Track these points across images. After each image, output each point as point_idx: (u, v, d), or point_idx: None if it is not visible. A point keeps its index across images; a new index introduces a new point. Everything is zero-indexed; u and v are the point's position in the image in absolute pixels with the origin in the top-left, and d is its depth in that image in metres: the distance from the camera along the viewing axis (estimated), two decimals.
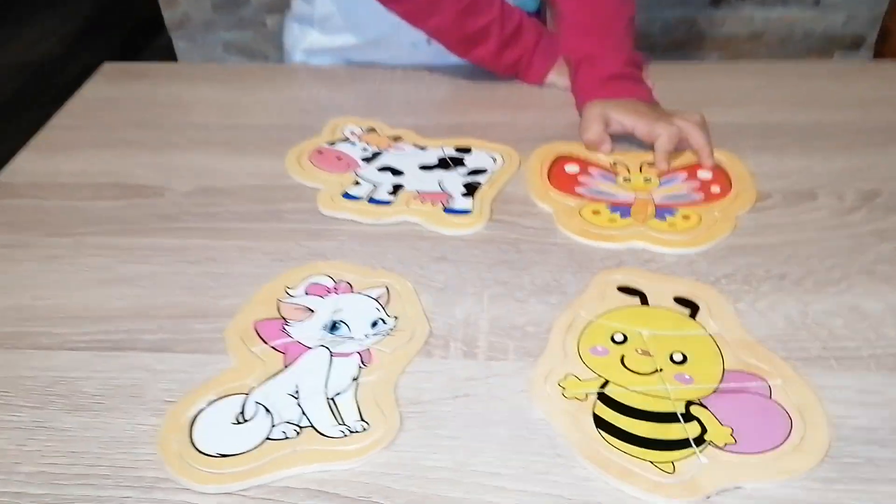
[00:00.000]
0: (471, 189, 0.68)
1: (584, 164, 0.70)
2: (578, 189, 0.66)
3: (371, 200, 0.66)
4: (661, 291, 0.56)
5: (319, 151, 0.73)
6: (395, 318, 0.54)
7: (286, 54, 0.95)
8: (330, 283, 0.57)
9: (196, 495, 0.43)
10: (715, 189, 0.67)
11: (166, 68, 0.93)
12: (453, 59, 0.84)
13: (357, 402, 0.48)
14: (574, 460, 0.45)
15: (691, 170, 0.69)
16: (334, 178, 0.69)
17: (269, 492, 0.44)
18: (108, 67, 0.93)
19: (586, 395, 0.48)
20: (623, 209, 0.64)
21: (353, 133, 0.76)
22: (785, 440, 0.45)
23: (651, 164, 0.70)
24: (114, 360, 0.52)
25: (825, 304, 0.55)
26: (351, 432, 0.46)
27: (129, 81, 0.89)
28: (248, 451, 0.45)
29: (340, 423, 0.47)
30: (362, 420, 0.47)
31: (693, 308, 0.55)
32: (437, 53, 0.84)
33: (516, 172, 0.70)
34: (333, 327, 0.53)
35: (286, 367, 0.50)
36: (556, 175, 0.69)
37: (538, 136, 0.75)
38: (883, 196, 0.66)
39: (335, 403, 0.48)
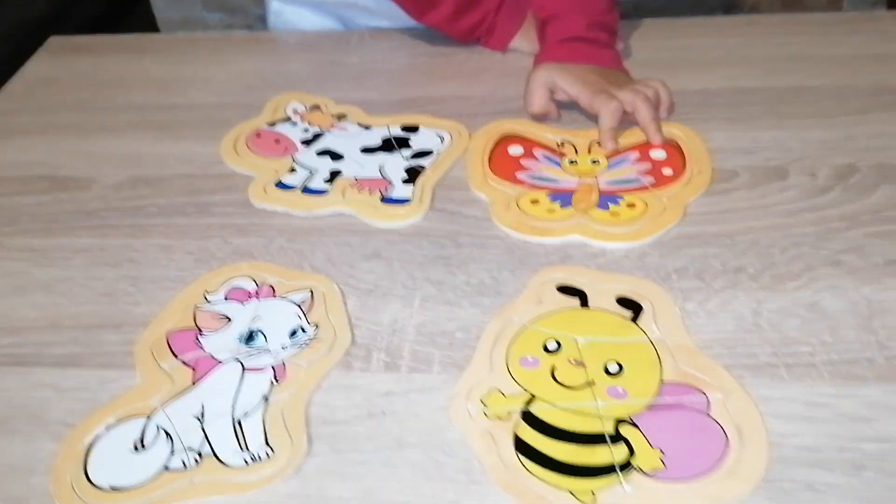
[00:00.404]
0: (413, 174, 0.63)
1: (530, 145, 0.65)
2: (520, 174, 0.62)
3: (305, 190, 0.62)
4: (604, 291, 0.52)
5: (258, 134, 0.69)
6: (316, 326, 0.51)
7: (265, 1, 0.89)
8: (252, 287, 0.54)
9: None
10: (667, 171, 0.62)
11: (111, 41, 0.88)
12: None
13: (264, 424, 0.45)
14: (489, 487, 0.42)
15: (643, 149, 0.64)
16: (270, 165, 0.65)
17: None
18: (53, 41, 0.88)
19: (508, 414, 0.45)
20: (564, 197, 0.59)
21: (295, 112, 0.72)
22: (717, 464, 0.42)
23: (599, 144, 0.64)
24: (19, 377, 0.49)
25: (781, 302, 0.51)
26: (253, 460, 0.43)
27: (72, 57, 0.85)
28: (141, 484, 0.42)
29: (244, 449, 0.44)
30: (267, 445, 0.44)
31: (636, 309, 0.51)
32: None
33: (464, 153, 0.66)
34: (250, 338, 0.50)
35: (194, 384, 0.48)
36: (498, 158, 0.64)
37: (493, 110, 0.70)
38: (860, 172, 0.60)
39: (241, 427, 0.45)
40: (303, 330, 0.50)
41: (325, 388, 0.48)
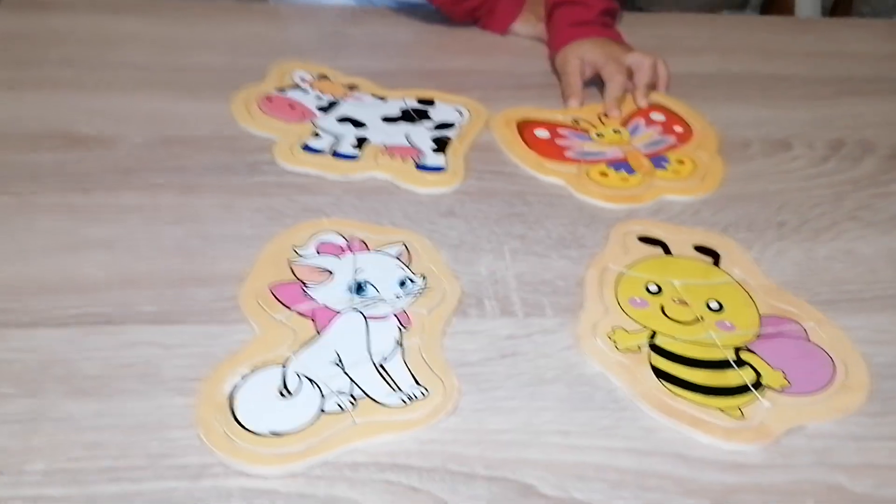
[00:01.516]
0: (440, 144, 0.64)
1: (551, 127, 0.68)
2: (568, 154, 0.64)
3: (335, 154, 0.61)
4: (680, 241, 0.56)
5: (269, 98, 0.67)
6: (423, 276, 0.50)
7: None
8: (342, 242, 0.52)
9: (254, 479, 0.38)
10: (677, 128, 0.68)
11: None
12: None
13: (408, 366, 0.44)
14: (639, 412, 0.44)
15: (643, 114, 0.70)
16: (291, 129, 0.63)
17: (336, 469, 0.39)
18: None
19: (639, 347, 0.47)
20: (624, 165, 0.63)
21: (303, 79, 0.70)
22: (831, 380, 0.47)
23: (607, 115, 0.70)
24: (109, 336, 0.45)
25: (824, 250, 0.58)
26: (411, 399, 0.42)
27: (36, 13, 0.77)
28: (303, 427, 0.40)
29: (397, 390, 0.43)
30: (419, 385, 0.43)
31: (715, 256, 0.55)
32: None
33: (484, 127, 0.67)
34: (359, 289, 0.49)
35: (319, 333, 0.45)
36: (532, 142, 0.65)
37: (503, 85, 0.73)
38: (848, 145, 0.69)
39: (385, 370, 0.44)
40: (411, 280, 0.50)
41: (448, 335, 0.48)
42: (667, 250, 0.55)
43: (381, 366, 0.44)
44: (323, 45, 0.77)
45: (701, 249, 0.55)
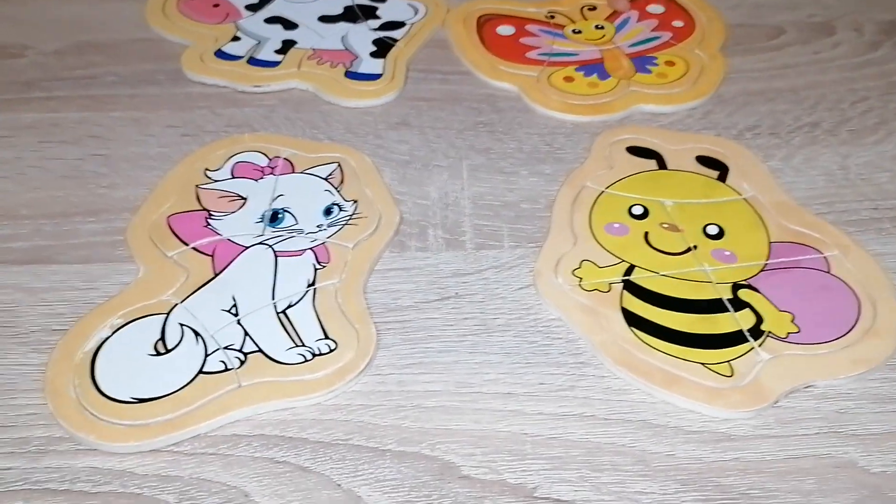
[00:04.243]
0: (382, 47, 0.54)
1: (519, 22, 0.56)
2: (530, 54, 0.53)
3: (251, 61, 0.51)
4: (680, 151, 0.46)
5: None
6: (354, 202, 0.42)
7: None
8: (263, 162, 0.44)
9: (107, 458, 0.31)
10: (677, 23, 0.56)
11: None
12: None
13: (317, 314, 0.36)
14: (604, 369, 0.36)
15: (638, 7, 0.57)
16: (208, 32, 0.54)
17: (211, 444, 0.32)
18: None
19: (609, 286, 0.38)
20: (596, 68, 0.51)
21: None
22: (855, 323, 0.37)
23: (592, 9, 0.57)
24: None
25: (866, 156, 0.46)
26: (314, 355, 0.35)
27: None
28: (175, 392, 0.33)
29: (299, 344, 0.35)
30: (327, 338, 0.35)
31: (722, 169, 0.44)
32: None
33: (441, 25, 0.56)
34: (274, 218, 0.40)
35: (216, 274, 0.38)
36: (493, 43, 0.54)
37: None
38: None
39: (288, 318, 0.36)
40: (339, 207, 0.41)
41: (378, 272, 0.39)
42: (662, 164, 0.45)
43: (285, 313, 0.36)
44: None
45: (706, 161, 0.45)
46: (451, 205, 0.43)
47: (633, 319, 0.37)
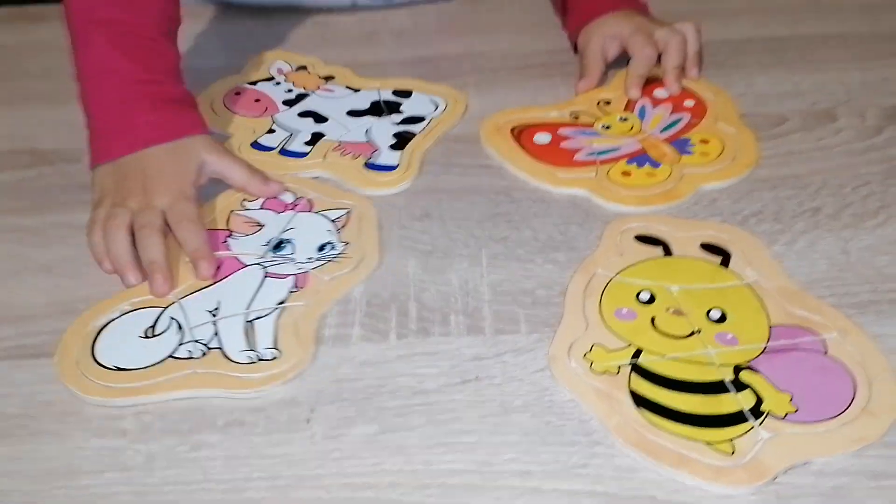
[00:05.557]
0: (402, 140, 0.58)
1: (550, 128, 0.59)
2: (578, 157, 0.56)
3: (283, 152, 0.57)
4: (686, 238, 0.49)
5: (237, 92, 0.63)
6: (346, 243, 0.49)
7: None
8: (290, 199, 0.53)
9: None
10: (689, 103, 0.61)
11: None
12: None
13: (276, 328, 0.44)
14: (615, 448, 0.38)
15: (646, 93, 0.62)
16: (247, 124, 0.60)
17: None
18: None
19: (618, 369, 0.41)
20: (646, 159, 0.56)
21: (279, 71, 0.66)
22: (850, 402, 0.39)
23: (607, 103, 0.62)
24: (38, 368, 0.43)
25: (867, 240, 0.49)
26: (260, 359, 0.42)
27: (25, 26, 0.76)
28: (145, 368, 0.41)
29: (251, 349, 0.43)
30: (274, 348, 0.43)
31: (724, 256, 0.48)
32: None
33: (460, 119, 0.61)
34: (278, 246, 0.48)
35: (215, 282, 0.46)
36: (536, 151, 0.57)
37: (502, 67, 0.67)
38: None
39: (253, 327, 0.44)
40: (331, 245, 0.49)
41: (404, 358, 0.43)
42: (668, 251, 0.48)
43: (252, 322, 0.44)
44: (314, 35, 0.73)
45: (710, 248, 0.48)
46: (472, 292, 0.47)
47: (640, 400, 0.40)
